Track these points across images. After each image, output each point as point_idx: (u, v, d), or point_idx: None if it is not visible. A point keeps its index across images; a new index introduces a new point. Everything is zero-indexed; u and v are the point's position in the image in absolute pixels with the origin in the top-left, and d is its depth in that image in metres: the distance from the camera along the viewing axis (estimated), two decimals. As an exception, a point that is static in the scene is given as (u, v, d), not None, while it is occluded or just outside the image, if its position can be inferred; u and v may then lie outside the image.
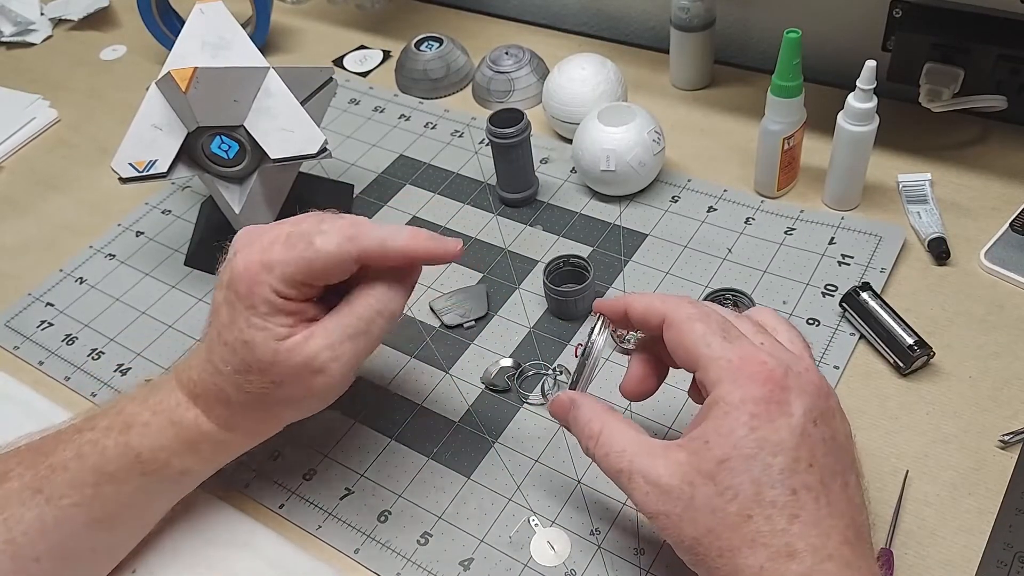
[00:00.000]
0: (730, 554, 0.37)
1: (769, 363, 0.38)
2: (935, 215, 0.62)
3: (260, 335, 0.43)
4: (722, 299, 0.57)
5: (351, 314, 0.44)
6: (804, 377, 0.39)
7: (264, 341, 0.43)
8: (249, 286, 0.43)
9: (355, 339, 0.44)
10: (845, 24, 0.74)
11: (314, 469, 0.54)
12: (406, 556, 0.49)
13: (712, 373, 0.39)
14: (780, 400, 0.37)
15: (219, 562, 0.50)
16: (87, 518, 0.45)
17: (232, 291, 0.44)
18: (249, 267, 0.43)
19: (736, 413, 0.37)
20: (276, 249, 0.43)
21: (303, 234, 0.43)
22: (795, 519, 0.36)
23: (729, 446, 0.37)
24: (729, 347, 0.39)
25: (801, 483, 0.37)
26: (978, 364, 0.53)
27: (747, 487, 0.37)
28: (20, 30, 1.00)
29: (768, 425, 0.37)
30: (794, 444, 0.37)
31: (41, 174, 0.81)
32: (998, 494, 0.47)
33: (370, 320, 0.44)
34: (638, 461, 0.40)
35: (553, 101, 0.72)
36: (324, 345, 0.43)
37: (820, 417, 0.38)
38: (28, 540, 0.43)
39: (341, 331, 0.44)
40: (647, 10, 0.86)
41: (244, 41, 0.59)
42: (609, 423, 0.42)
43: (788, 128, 0.61)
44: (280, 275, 0.43)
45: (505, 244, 0.66)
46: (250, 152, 0.61)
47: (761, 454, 0.37)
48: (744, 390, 0.38)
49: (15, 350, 0.65)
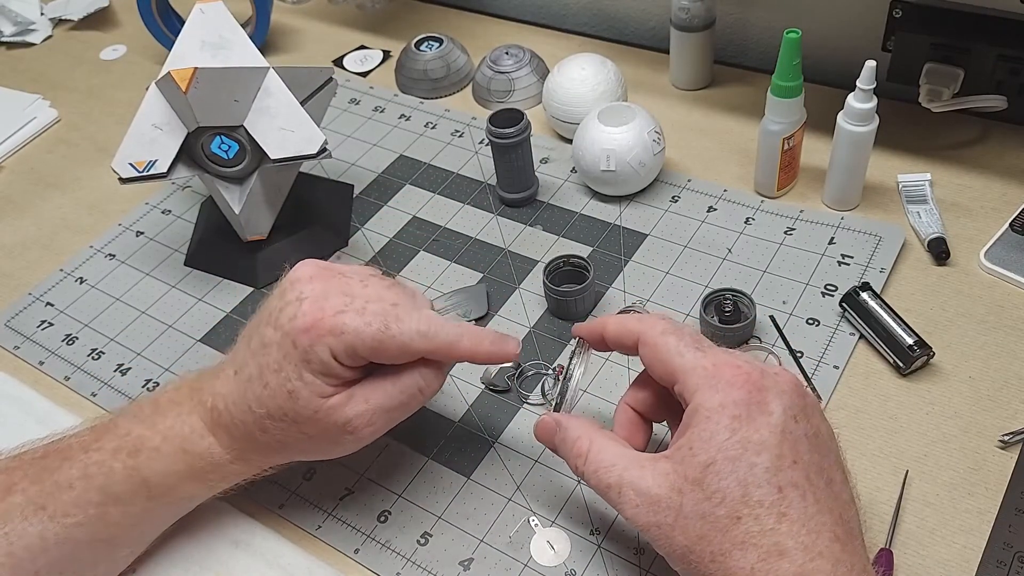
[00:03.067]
0: (722, 558, 0.37)
1: (744, 367, 0.39)
2: (935, 215, 0.62)
3: (307, 390, 0.43)
4: (722, 299, 0.57)
5: (395, 387, 0.45)
6: (780, 377, 0.40)
7: (309, 397, 0.43)
8: (312, 342, 0.43)
9: (392, 411, 0.45)
10: (845, 24, 0.74)
11: (314, 469, 0.54)
12: (406, 556, 0.49)
13: (689, 382, 0.40)
14: (759, 400, 0.38)
15: (219, 562, 0.50)
16: (90, 537, 0.45)
17: (290, 339, 0.43)
18: (318, 325, 0.43)
19: (717, 417, 0.38)
20: (350, 317, 0.43)
21: (380, 313, 0.43)
22: (783, 517, 0.37)
23: (713, 450, 0.38)
24: (703, 355, 0.40)
25: (787, 480, 0.37)
26: (978, 364, 0.53)
27: (734, 489, 0.37)
28: (20, 30, 1.00)
29: (749, 425, 0.38)
30: (776, 442, 0.37)
31: (41, 174, 0.81)
32: (998, 494, 0.47)
33: (411, 396, 0.46)
34: (627, 474, 0.40)
35: (553, 101, 0.72)
36: (363, 411, 0.44)
37: (800, 414, 0.39)
38: (29, 555, 0.43)
39: (382, 401, 0.45)
40: (647, 10, 0.86)
41: (244, 41, 0.59)
42: (597, 440, 0.42)
43: (788, 128, 0.61)
44: (346, 344, 0.43)
45: (505, 244, 0.66)
46: (250, 152, 0.61)
47: (745, 455, 0.37)
48: (723, 394, 0.38)
49: (15, 350, 0.65)
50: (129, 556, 0.49)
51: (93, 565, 0.46)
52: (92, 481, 0.45)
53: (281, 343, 0.43)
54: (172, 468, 0.46)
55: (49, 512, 0.44)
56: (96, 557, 0.46)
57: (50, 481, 0.45)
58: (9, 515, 0.44)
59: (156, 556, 0.50)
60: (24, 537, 0.43)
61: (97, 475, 0.45)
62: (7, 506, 0.44)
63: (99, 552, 0.46)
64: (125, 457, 0.45)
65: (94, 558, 0.46)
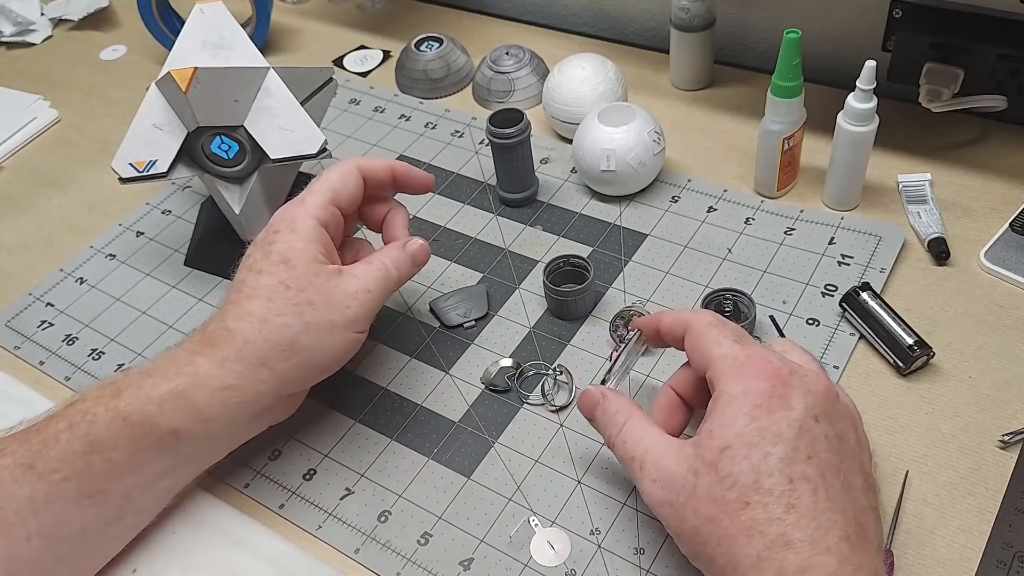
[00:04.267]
0: (728, 543, 0.37)
1: (774, 362, 0.40)
2: (935, 215, 0.62)
3: (301, 253, 0.49)
4: (722, 299, 0.57)
5: (372, 261, 0.51)
6: (809, 378, 0.40)
7: (305, 255, 0.49)
8: (290, 216, 0.50)
9: (376, 280, 0.50)
10: (845, 24, 0.74)
11: (314, 469, 0.54)
12: (406, 556, 0.49)
13: (719, 369, 0.41)
14: (781, 395, 0.39)
15: (219, 562, 0.50)
16: (77, 492, 0.45)
17: (271, 230, 0.50)
18: (284, 211, 0.51)
19: (738, 403, 0.39)
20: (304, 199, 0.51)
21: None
22: (791, 508, 0.37)
23: (731, 435, 0.39)
24: (739, 347, 0.42)
25: (799, 473, 0.37)
26: (978, 364, 0.54)
27: (746, 474, 0.38)
28: (20, 30, 1.00)
29: (768, 416, 0.38)
30: (793, 435, 0.38)
31: (41, 174, 0.81)
32: (998, 494, 0.47)
33: (387, 270, 0.51)
34: (652, 452, 0.42)
35: (553, 101, 0.72)
36: (353, 275, 0.50)
37: (823, 415, 0.39)
38: (20, 519, 0.43)
39: (366, 271, 0.50)
40: (647, 10, 0.86)
41: (244, 41, 0.59)
42: (635, 415, 0.45)
43: (788, 128, 0.61)
44: (313, 203, 0.50)
45: (505, 244, 0.66)
46: (250, 152, 0.61)
47: (761, 442, 0.38)
48: (747, 383, 0.40)
49: (15, 350, 0.65)
50: (117, 522, 0.48)
51: (81, 529, 0.46)
52: (76, 431, 0.45)
53: (265, 239, 0.50)
54: (152, 395, 0.46)
55: (37, 470, 0.44)
56: (83, 518, 0.46)
57: (37, 440, 0.45)
58: (0, 480, 0.44)
59: (156, 555, 0.50)
60: (15, 500, 0.44)
61: (81, 423, 0.45)
62: None
63: (87, 511, 0.45)
64: (108, 400, 0.46)
65: (81, 520, 0.46)
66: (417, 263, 0.54)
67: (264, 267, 0.49)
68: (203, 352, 0.47)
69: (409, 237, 0.55)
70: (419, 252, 0.54)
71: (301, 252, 0.49)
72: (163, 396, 0.46)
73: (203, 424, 0.47)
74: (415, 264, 0.54)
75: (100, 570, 0.49)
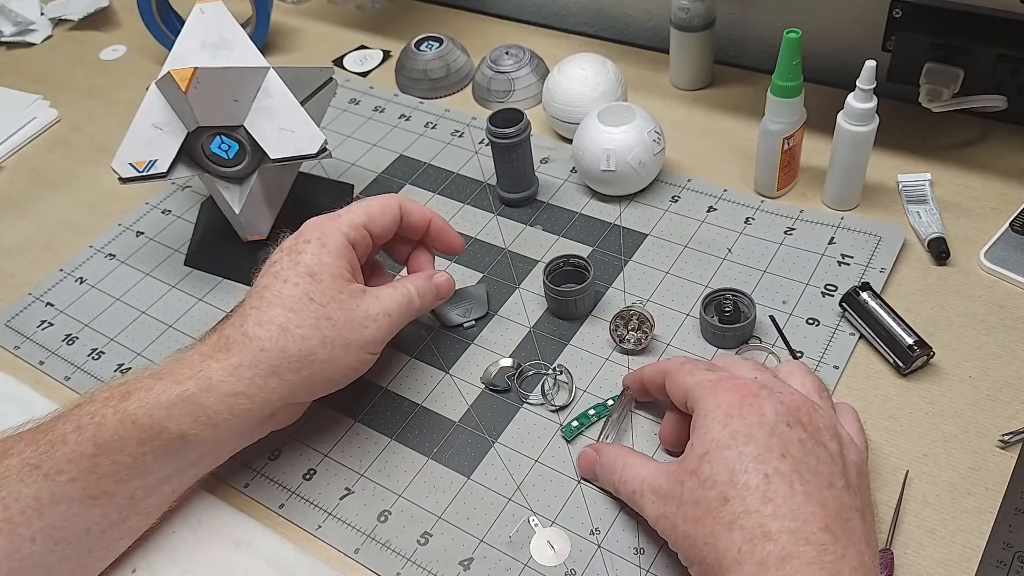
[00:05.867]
0: (713, 540, 0.39)
1: (746, 381, 0.43)
2: (935, 215, 0.62)
3: (328, 267, 0.49)
4: (722, 299, 0.57)
5: (396, 286, 0.52)
6: (784, 394, 0.43)
7: (332, 271, 0.49)
8: (322, 228, 0.50)
9: (398, 306, 0.51)
10: (845, 24, 0.74)
11: (314, 469, 0.54)
12: (406, 556, 0.49)
13: (695, 393, 0.44)
14: (752, 404, 0.41)
15: (219, 562, 0.50)
16: (83, 494, 0.45)
17: (300, 239, 0.50)
18: (317, 222, 0.51)
19: (712, 415, 0.42)
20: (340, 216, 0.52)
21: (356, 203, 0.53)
22: (768, 501, 0.38)
23: (708, 442, 0.41)
24: (710, 373, 0.45)
25: (773, 469, 0.39)
26: (978, 364, 0.53)
27: (723, 473, 0.40)
28: (20, 30, 1.00)
29: (739, 420, 0.41)
30: (765, 436, 0.40)
31: (41, 174, 0.81)
32: (998, 494, 0.47)
33: (411, 298, 0.52)
34: (648, 480, 0.45)
35: (553, 101, 0.72)
36: (376, 297, 0.51)
37: (796, 424, 0.41)
38: (25, 519, 0.44)
39: (390, 296, 0.51)
40: (647, 10, 0.86)
41: (244, 41, 0.59)
42: (629, 458, 0.47)
43: (788, 128, 0.61)
44: (347, 222, 0.51)
45: (505, 244, 0.66)
46: (250, 152, 0.61)
47: (734, 443, 0.40)
48: (719, 398, 0.42)
49: (15, 350, 0.65)
50: (120, 525, 0.48)
51: (86, 531, 0.46)
52: (84, 432, 0.45)
53: (293, 248, 0.50)
54: (161, 398, 0.45)
55: (44, 471, 0.44)
56: (88, 520, 0.46)
57: (44, 440, 0.45)
58: (5, 479, 0.44)
59: (156, 555, 0.50)
60: (20, 499, 0.44)
61: (89, 425, 0.45)
62: (3, 469, 0.44)
63: (92, 514, 0.46)
64: (116, 402, 0.46)
65: (86, 521, 0.46)
66: (440, 296, 0.56)
67: (290, 276, 0.48)
68: (216, 356, 0.47)
69: (436, 269, 0.57)
70: (444, 285, 0.56)
71: (328, 267, 0.49)
72: (172, 400, 0.46)
73: (211, 429, 0.47)
74: (438, 296, 0.56)
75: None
